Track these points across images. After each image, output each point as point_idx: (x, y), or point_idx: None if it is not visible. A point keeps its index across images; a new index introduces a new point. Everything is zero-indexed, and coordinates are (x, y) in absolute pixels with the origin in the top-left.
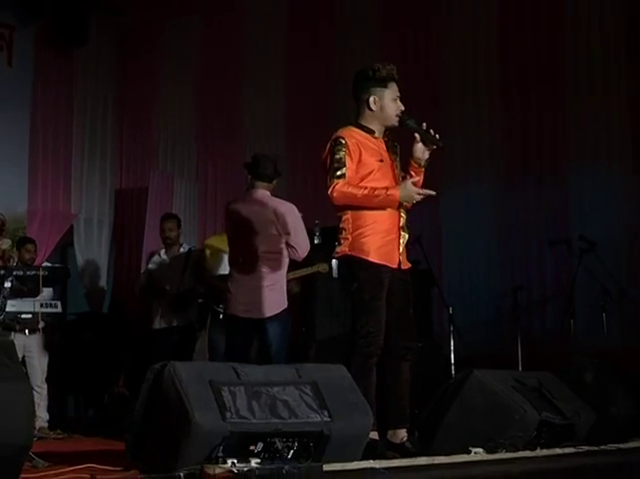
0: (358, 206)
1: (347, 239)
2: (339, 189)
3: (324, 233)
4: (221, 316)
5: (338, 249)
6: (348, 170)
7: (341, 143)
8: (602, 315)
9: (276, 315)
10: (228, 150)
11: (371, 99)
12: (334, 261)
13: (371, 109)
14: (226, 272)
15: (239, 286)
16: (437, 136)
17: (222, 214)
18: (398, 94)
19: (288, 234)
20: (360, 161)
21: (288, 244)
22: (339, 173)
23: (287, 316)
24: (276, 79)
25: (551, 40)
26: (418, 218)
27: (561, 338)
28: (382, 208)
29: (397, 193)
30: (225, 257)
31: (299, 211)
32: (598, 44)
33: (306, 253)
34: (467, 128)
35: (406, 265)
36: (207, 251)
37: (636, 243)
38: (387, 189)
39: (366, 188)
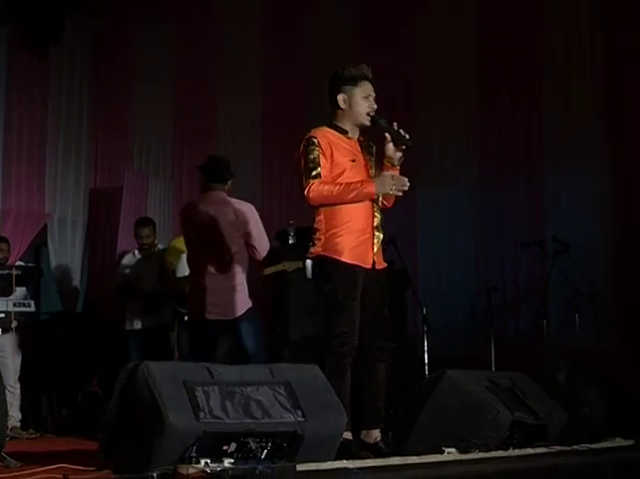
0: (335, 202)
1: (320, 239)
2: (315, 188)
3: (298, 233)
4: (185, 318)
5: (312, 250)
6: (323, 169)
7: (314, 142)
8: (575, 316)
9: (246, 314)
10: (204, 150)
11: (339, 97)
12: (308, 262)
13: (340, 107)
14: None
15: (207, 289)
16: (407, 136)
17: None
18: (371, 93)
19: (249, 233)
20: (332, 160)
21: (248, 244)
22: (314, 173)
23: (255, 315)
24: (252, 79)
25: (528, 41)
26: (393, 218)
27: (535, 339)
28: (359, 201)
29: (372, 184)
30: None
31: (274, 211)
32: (575, 44)
33: (266, 253)
34: (443, 128)
35: (381, 265)
36: (172, 253)
37: (609, 244)
38: (362, 182)
39: (341, 184)
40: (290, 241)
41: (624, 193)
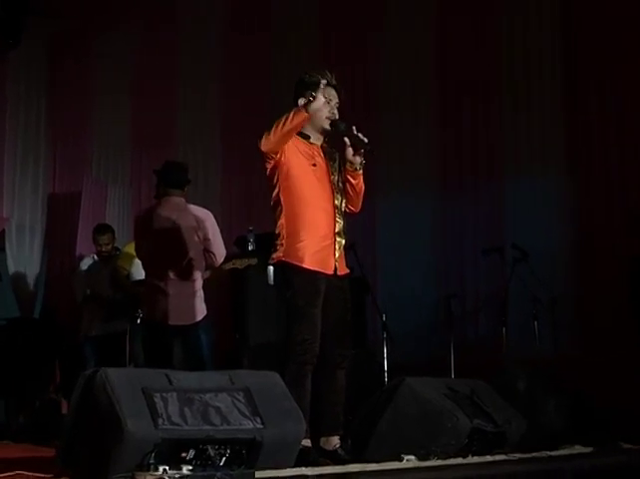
0: (279, 132)
1: (282, 244)
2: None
3: (258, 239)
4: (138, 321)
5: (273, 256)
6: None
7: None
8: (534, 323)
9: (203, 321)
10: (164, 155)
11: (300, 101)
12: (270, 268)
13: None
14: (142, 278)
15: (166, 293)
16: (365, 139)
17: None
18: (332, 98)
19: (208, 239)
20: (289, 160)
21: (207, 251)
22: None
23: (210, 323)
24: (212, 82)
25: (486, 42)
26: (352, 224)
27: (494, 346)
28: (298, 120)
29: (302, 107)
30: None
31: (234, 216)
32: (533, 45)
33: (222, 260)
34: (403, 135)
35: (343, 271)
36: (124, 258)
37: (568, 251)
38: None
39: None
40: (250, 248)
41: (583, 198)
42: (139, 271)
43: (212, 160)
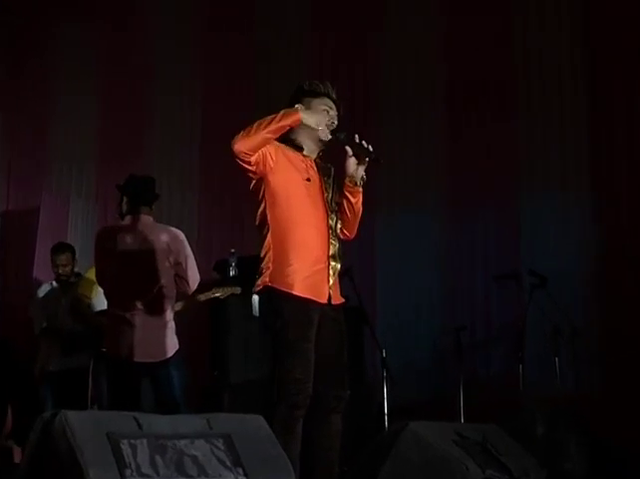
0: (257, 134)
1: (268, 268)
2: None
3: (241, 263)
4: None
5: (258, 281)
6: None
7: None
8: (554, 358)
9: (175, 357)
10: (134, 166)
11: (296, 106)
12: (254, 297)
13: None
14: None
15: (132, 325)
16: (370, 148)
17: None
18: (331, 108)
19: (179, 264)
20: (276, 161)
21: (178, 276)
22: None
23: (182, 359)
24: (191, 87)
25: (501, 51)
26: (348, 247)
27: (509, 385)
28: (283, 125)
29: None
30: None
31: (213, 237)
32: (554, 57)
33: (196, 287)
34: (407, 148)
35: (337, 300)
36: (86, 285)
37: (592, 277)
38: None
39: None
40: (231, 273)
41: (608, 220)
42: (102, 300)
43: (189, 173)
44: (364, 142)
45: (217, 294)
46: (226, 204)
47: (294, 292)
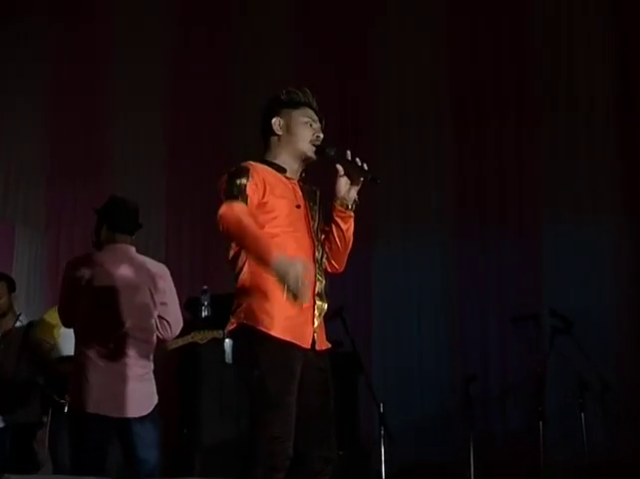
0: (241, 240)
1: (243, 305)
2: (233, 210)
3: (214, 302)
4: (66, 410)
5: (232, 320)
6: (250, 199)
7: (244, 170)
8: (581, 415)
9: (150, 414)
10: (90, 190)
11: (274, 120)
12: (227, 341)
13: (275, 133)
14: (71, 354)
15: (100, 375)
16: (365, 166)
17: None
18: (314, 120)
19: (164, 304)
20: (264, 202)
21: (161, 318)
22: (240, 198)
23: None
24: (156, 102)
25: (519, 57)
26: (341, 283)
27: (527, 446)
28: (256, 257)
29: (275, 257)
30: (70, 335)
31: (184, 273)
32: (580, 41)
33: (179, 331)
34: (407, 168)
35: (323, 346)
36: (45, 329)
37: (623, 319)
38: (271, 247)
39: (252, 231)
40: (204, 313)
41: None
42: (64, 345)
43: (155, 197)
44: (357, 159)
45: (196, 340)
46: (197, 234)
47: (273, 334)
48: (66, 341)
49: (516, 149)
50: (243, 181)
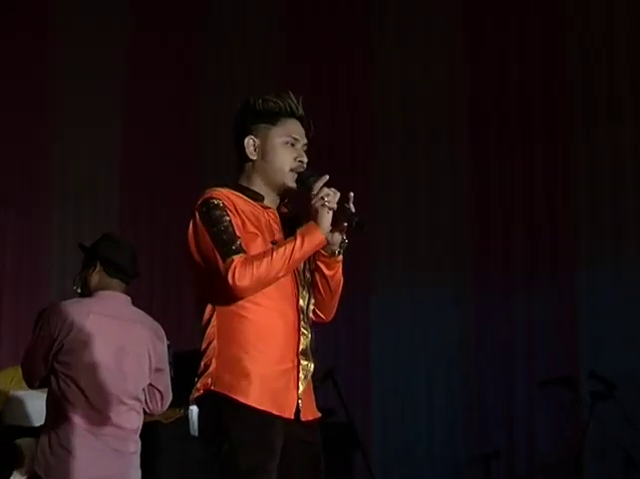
0: (273, 278)
1: (211, 366)
2: (242, 272)
3: (178, 361)
4: None
5: (198, 385)
6: (240, 238)
7: (215, 205)
8: None
9: None
10: (24, 219)
11: (247, 140)
12: (192, 409)
13: (249, 157)
14: (33, 425)
15: (90, 450)
16: (351, 206)
17: (27, 326)
18: (299, 137)
19: (159, 370)
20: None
21: (152, 387)
22: (233, 246)
23: None
24: (108, 119)
25: (549, 63)
26: (333, 338)
27: None
28: (304, 258)
29: (313, 228)
30: (29, 402)
31: None
32: (620, 53)
33: (168, 405)
34: (414, 199)
35: (310, 416)
36: None
37: None
38: (295, 237)
39: (266, 253)
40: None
41: None
42: (15, 412)
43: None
44: (351, 196)
45: (159, 419)
46: (157, 278)
47: (248, 403)
48: (16, 408)
49: (544, 174)
50: (224, 219)
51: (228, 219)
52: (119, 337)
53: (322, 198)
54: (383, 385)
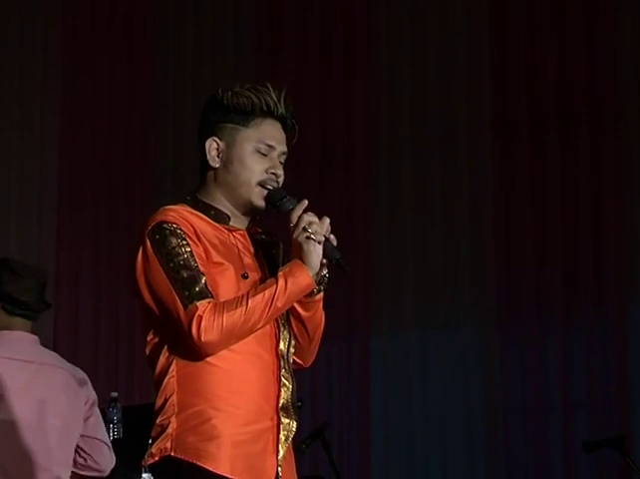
0: (246, 332)
1: (168, 426)
2: (210, 322)
3: (128, 416)
4: None
5: (153, 450)
6: (205, 274)
7: (170, 230)
8: None
9: None
10: None
11: (209, 143)
12: (145, 477)
13: (211, 166)
14: None
15: None
16: (334, 239)
17: None
18: (274, 144)
19: (95, 430)
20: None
21: (93, 438)
22: (196, 288)
23: None
24: (49, 129)
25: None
26: (323, 386)
27: None
28: (286, 307)
29: (299, 266)
30: None
31: (85, 369)
32: None
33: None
34: (423, 218)
35: None
36: None
37: None
38: (277, 277)
39: (240, 299)
40: (112, 434)
41: None
42: None
43: (43, 258)
44: (326, 227)
45: None
46: (102, 316)
47: (218, 472)
48: None
49: (592, 187)
50: (185, 251)
51: (189, 249)
52: (32, 385)
53: (304, 229)
54: (386, 449)
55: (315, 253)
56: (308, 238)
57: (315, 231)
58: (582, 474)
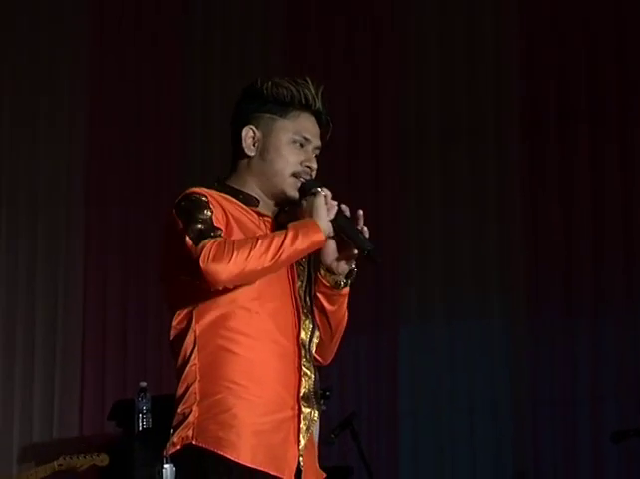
0: (257, 273)
1: (190, 414)
2: (220, 254)
3: (156, 405)
4: None
5: (175, 439)
6: (221, 230)
7: (199, 201)
8: None
9: None
10: None
11: (246, 131)
12: (168, 468)
13: (246, 153)
14: None
15: None
16: (365, 230)
17: None
18: (311, 138)
19: None
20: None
21: None
22: (212, 233)
23: None
24: (76, 129)
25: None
26: (351, 375)
27: None
28: (297, 255)
29: (312, 224)
30: None
31: (108, 361)
32: None
33: None
34: (455, 198)
35: (313, 476)
36: None
37: None
38: (289, 229)
39: (251, 239)
40: (141, 424)
41: None
42: None
43: (69, 260)
44: (361, 221)
45: (66, 468)
46: (130, 304)
47: (237, 460)
48: None
49: (622, 183)
50: (205, 213)
51: (210, 214)
52: None
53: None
54: (414, 439)
55: (322, 207)
56: (318, 194)
57: (330, 202)
58: (611, 465)
